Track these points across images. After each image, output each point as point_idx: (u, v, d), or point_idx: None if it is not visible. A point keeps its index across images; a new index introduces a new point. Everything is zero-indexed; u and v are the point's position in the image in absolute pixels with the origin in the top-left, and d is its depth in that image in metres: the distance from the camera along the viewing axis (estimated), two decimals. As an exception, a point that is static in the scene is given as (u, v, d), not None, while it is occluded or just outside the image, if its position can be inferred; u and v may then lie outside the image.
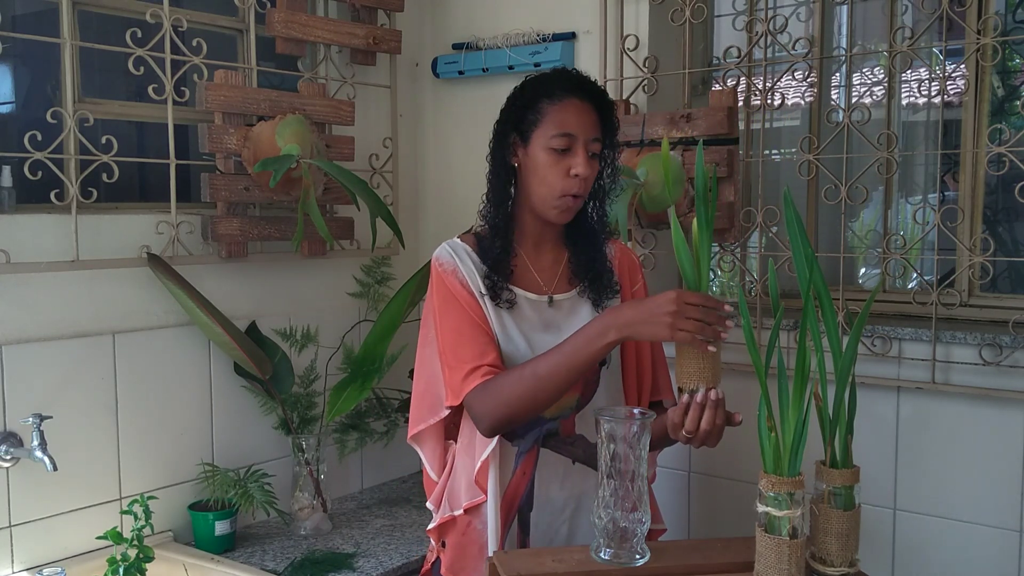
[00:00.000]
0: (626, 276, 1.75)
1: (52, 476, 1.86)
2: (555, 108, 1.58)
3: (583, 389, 1.64)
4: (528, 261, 1.68)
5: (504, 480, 1.63)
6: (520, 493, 1.63)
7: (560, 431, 1.64)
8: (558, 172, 1.58)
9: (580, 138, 1.57)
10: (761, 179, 2.24)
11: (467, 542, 1.67)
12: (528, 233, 1.67)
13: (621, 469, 1.36)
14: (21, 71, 2.23)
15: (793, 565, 1.25)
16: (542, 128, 1.59)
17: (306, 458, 2.28)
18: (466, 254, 1.66)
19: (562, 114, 1.58)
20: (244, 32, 2.36)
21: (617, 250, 1.76)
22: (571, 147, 1.58)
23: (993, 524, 2.00)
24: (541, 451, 1.63)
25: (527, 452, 1.63)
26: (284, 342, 2.38)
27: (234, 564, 2.04)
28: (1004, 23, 2.28)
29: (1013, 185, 1.93)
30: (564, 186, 1.58)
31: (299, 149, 2.17)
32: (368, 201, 2.23)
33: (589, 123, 1.58)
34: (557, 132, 1.57)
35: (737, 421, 1.44)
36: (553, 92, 1.60)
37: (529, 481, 1.63)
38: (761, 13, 2.19)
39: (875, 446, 2.11)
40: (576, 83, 1.61)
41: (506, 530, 1.64)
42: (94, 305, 2.03)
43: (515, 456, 1.63)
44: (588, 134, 1.58)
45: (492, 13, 2.67)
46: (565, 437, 1.65)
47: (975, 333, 1.99)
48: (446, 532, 1.72)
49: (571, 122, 1.57)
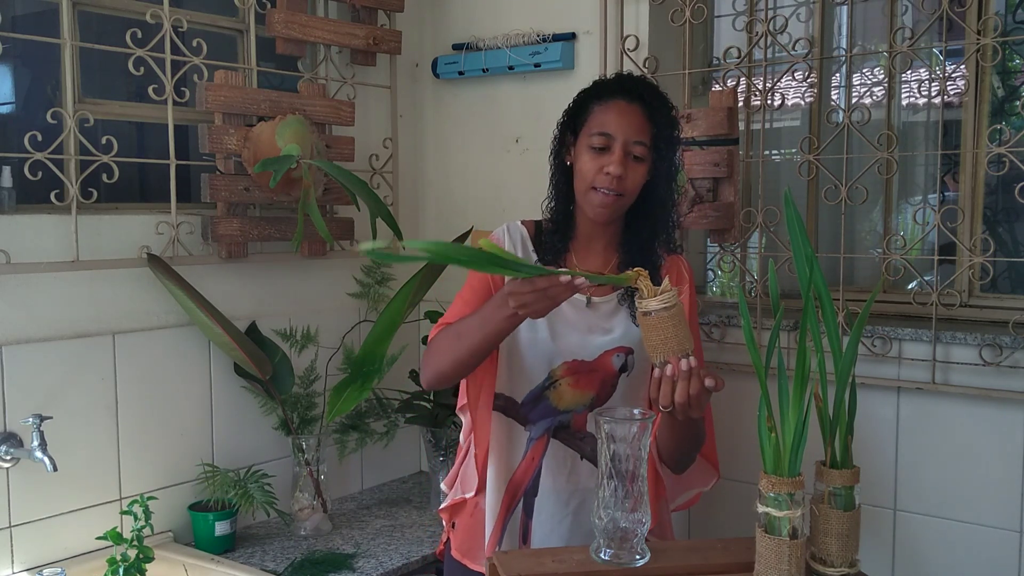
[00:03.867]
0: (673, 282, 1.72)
1: (52, 476, 1.86)
2: (600, 108, 1.62)
3: (599, 390, 1.67)
4: (577, 259, 1.71)
5: (512, 462, 1.69)
6: (527, 478, 1.69)
7: (572, 425, 1.69)
8: (593, 168, 1.61)
9: (619, 138, 1.59)
10: (761, 179, 2.24)
11: (474, 523, 1.73)
12: (581, 232, 1.71)
13: (621, 469, 1.36)
14: (21, 71, 2.23)
15: (793, 566, 1.25)
16: (587, 127, 1.63)
17: (306, 458, 2.28)
18: (520, 238, 1.72)
19: (605, 114, 1.61)
20: (244, 32, 2.36)
21: (668, 261, 1.74)
22: (609, 146, 1.60)
23: (993, 524, 2.00)
24: (551, 441, 1.69)
25: (538, 439, 1.69)
26: (284, 342, 2.38)
27: (234, 564, 2.04)
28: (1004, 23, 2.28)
29: (1013, 185, 1.93)
30: (596, 180, 1.60)
31: (299, 149, 2.17)
32: (368, 201, 2.23)
33: (632, 125, 1.60)
34: (597, 131, 1.61)
35: (719, 387, 1.41)
36: (602, 93, 1.64)
37: (537, 467, 1.68)
38: (761, 13, 2.19)
39: (875, 446, 2.11)
40: (626, 85, 1.64)
41: (509, 513, 1.69)
42: (94, 305, 2.03)
43: (526, 441, 1.69)
44: (629, 136, 1.59)
45: (492, 13, 2.67)
46: (576, 432, 1.69)
47: (975, 333, 1.99)
48: (456, 513, 1.77)
49: (611, 122, 1.60)
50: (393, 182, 2.70)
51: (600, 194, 1.61)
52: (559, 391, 1.66)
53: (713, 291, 2.53)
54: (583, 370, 1.66)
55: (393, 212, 2.64)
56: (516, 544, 1.69)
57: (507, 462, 1.70)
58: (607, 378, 1.66)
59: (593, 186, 1.61)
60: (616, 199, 1.61)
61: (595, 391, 1.67)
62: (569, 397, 1.67)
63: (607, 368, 1.65)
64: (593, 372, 1.66)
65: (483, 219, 2.69)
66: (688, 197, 2.22)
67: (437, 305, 2.51)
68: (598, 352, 1.65)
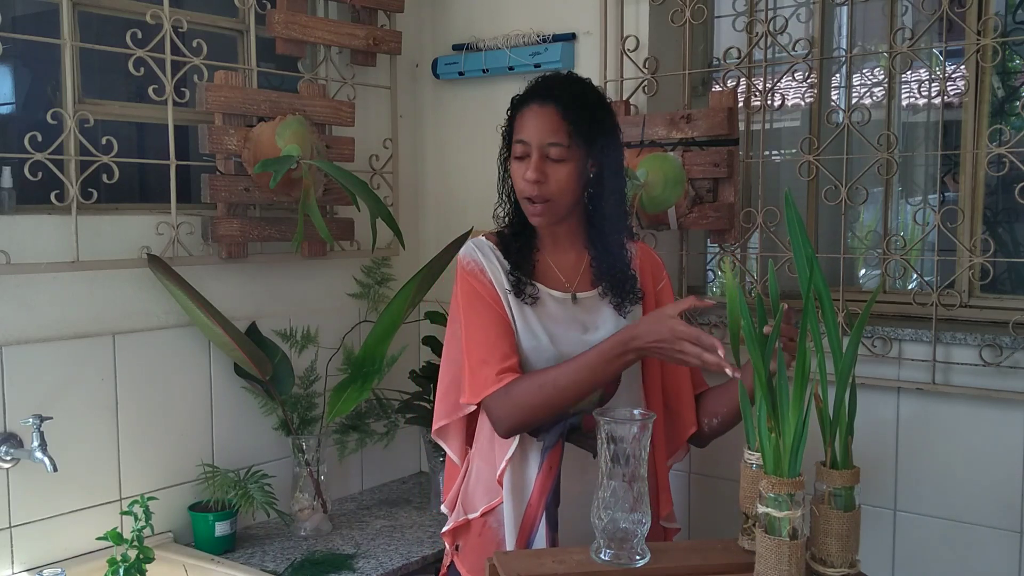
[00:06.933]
0: (649, 277, 1.76)
1: (52, 477, 1.86)
2: (519, 116, 1.64)
3: (605, 386, 1.66)
4: (550, 260, 1.70)
5: (529, 478, 1.64)
6: (547, 489, 1.63)
7: (583, 426, 1.66)
8: (518, 177, 1.63)
9: (534, 143, 1.60)
10: (761, 180, 2.24)
11: (484, 543, 1.69)
12: (544, 235, 1.71)
13: (621, 470, 1.36)
14: (21, 72, 2.24)
15: (793, 566, 1.25)
16: (512, 137, 1.65)
17: (306, 459, 2.28)
18: (491, 251, 1.70)
19: (521, 121, 1.62)
20: (244, 33, 2.36)
21: (640, 251, 1.78)
22: (528, 153, 1.60)
23: (993, 525, 2.00)
24: (565, 446, 1.65)
25: (552, 447, 1.64)
26: (284, 343, 2.38)
27: (234, 565, 2.04)
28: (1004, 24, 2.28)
29: (1013, 186, 1.93)
30: (523, 190, 1.62)
31: (299, 150, 2.17)
32: (368, 202, 2.23)
33: (545, 127, 1.59)
34: (516, 139, 1.63)
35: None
36: (520, 100, 1.65)
37: (556, 476, 1.63)
38: (761, 14, 2.19)
39: (875, 447, 2.11)
40: (539, 88, 1.63)
41: (533, 530, 1.63)
42: (94, 306, 2.03)
43: (540, 451, 1.64)
44: (543, 138, 1.59)
45: (492, 14, 2.67)
46: (587, 432, 1.65)
47: (975, 334, 1.99)
48: (460, 536, 1.74)
49: (526, 128, 1.61)
50: (393, 182, 2.70)
51: (528, 203, 1.62)
52: None
53: (713, 291, 2.53)
54: None
55: (393, 212, 2.64)
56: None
57: (523, 477, 1.65)
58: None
59: (522, 195, 1.63)
60: (544, 205, 1.61)
61: (601, 387, 1.66)
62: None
63: None
64: None
65: (483, 219, 2.67)
66: (688, 197, 2.22)
67: (437, 305, 2.51)
68: None
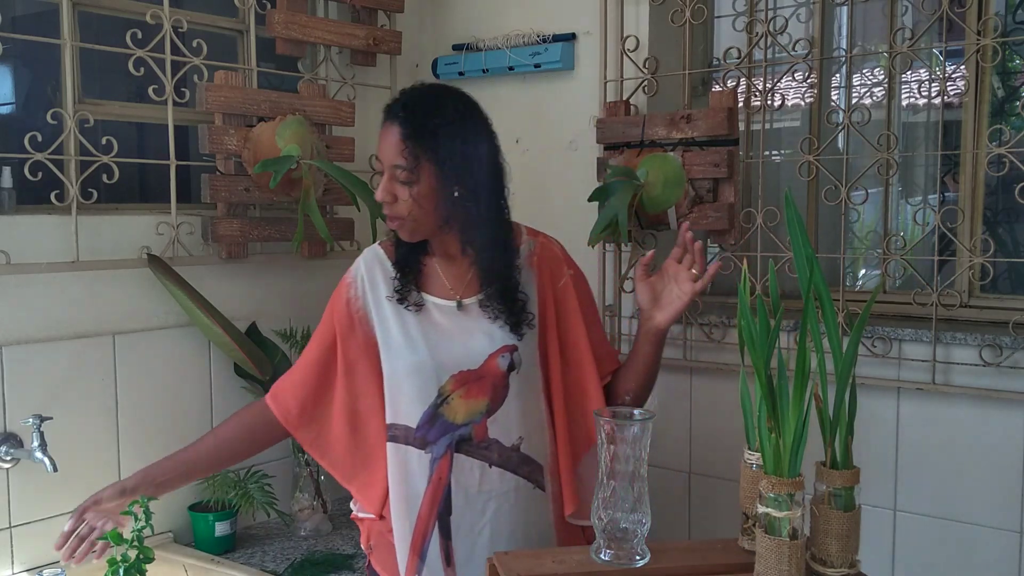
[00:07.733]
0: (547, 273, 1.70)
1: (52, 477, 1.86)
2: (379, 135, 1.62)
3: (492, 394, 1.62)
4: (440, 268, 1.68)
5: (418, 488, 1.63)
6: (438, 499, 1.62)
7: (473, 436, 1.63)
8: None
9: (385, 164, 1.58)
10: (761, 180, 2.24)
11: (387, 544, 1.70)
12: (436, 242, 1.68)
13: (621, 470, 1.36)
14: (21, 72, 2.24)
15: (793, 566, 1.25)
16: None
17: (306, 459, 2.28)
18: (379, 262, 1.70)
19: (379, 141, 1.60)
20: (244, 33, 2.36)
21: (538, 246, 1.71)
22: (383, 171, 1.60)
23: (993, 525, 2.00)
24: (455, 456, 1.62)
25: (441, 457, 1.62)
26: (284, 343, 2.38)
27: (234, 565, 2.04)
28: (1004, 24, 2.28)
29: (1013, 186, 1.93)
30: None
31: (299, 150, 2.17)
32: (368, 202, 2.23)
33: (390, 147, 1.57)
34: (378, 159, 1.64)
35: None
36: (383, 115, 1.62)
37: (446, 486, 1.62)
38: (761, 14, 2.19)
39: (875, 447, 2.11)
40: (391, 106, 1.60)
41: (425, 540, 1.63)
42: (94, 306, 2.03)
43: (429, 462, 1.62)
44: (389, 159, 1.57)
45: (492, 14, 2.67)
46: (479, 442, 1.63)
47: (975, 334, 1.99)
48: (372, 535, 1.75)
49: (380, 148, 1.60)
50: (393, 182, 2.70)
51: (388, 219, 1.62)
52: (452, 406, 1.61)
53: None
54: (471, 379, 1.61)
55: (393, 212, 2.63)
56: (440, 569, 1.63)
57: (412, 489, 1.63)
58: (497, 381, 1.61)
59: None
60: (400, 223, 1.60)
61: (488, 397, 1.62)
62: (464, 410, 1.61)
63: (494, 372, 1.61)
64: (482, 379, 1.61)
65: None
66: (688, 197, 2.22)
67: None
68: (483, 358, 1.61)
